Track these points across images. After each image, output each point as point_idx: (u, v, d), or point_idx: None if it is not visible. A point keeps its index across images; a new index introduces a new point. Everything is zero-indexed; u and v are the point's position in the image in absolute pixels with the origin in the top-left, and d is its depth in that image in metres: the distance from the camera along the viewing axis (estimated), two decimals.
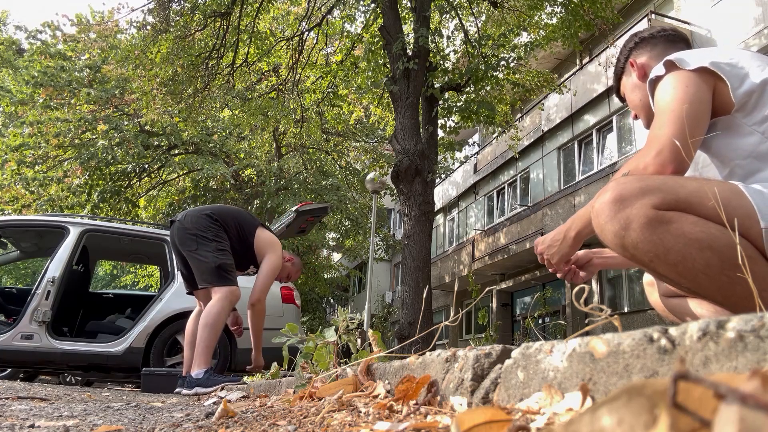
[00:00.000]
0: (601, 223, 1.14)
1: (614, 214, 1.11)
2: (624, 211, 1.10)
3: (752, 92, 1.25)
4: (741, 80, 1.27)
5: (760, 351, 0.43)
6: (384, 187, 12.32)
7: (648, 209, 1.08)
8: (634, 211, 1.09)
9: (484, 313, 4.55)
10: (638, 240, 1.09)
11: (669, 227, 1.07)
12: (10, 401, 1.79)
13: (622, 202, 1.11)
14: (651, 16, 10.75)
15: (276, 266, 3.48)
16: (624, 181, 1.14)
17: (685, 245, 1.06)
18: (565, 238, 1.47)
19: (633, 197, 1.10)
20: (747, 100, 1.26)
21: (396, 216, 23.74)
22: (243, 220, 3.53)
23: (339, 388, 1.21)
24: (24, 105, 13.39)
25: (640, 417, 0.30)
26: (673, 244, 1.06)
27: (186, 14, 9.15)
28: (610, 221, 1.12)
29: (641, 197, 1.10)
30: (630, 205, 1.10)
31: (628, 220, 1.10)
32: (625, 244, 1.11)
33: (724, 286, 1.04)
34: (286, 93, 11.50)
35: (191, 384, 3.08)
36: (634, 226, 1.09)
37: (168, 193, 15.88)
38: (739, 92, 1.26)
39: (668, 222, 1.07)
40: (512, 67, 9.24)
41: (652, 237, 1.08)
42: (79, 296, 5.45)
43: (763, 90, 1.25)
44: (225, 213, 3.48)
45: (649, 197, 1.09)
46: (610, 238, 1.14)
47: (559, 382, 0.63)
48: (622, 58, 1.68)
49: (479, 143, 18.37)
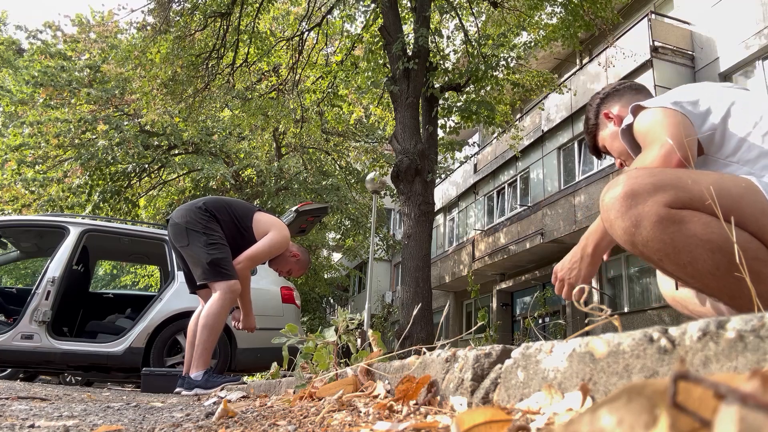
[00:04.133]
0: (611, 218, 1.12)
1: (625, 210, 1.09)
2: (636, 207, 1.08)
3: (715, 128, 1.29)
4: (703, 118, 1.30)
5: (760, 351, 0.43)
6: (384, 187, 12.31)
7: (660, 207, 1.06)
8: (646, 209, 1.07)
9: (483, 313, 4.55)
10: (649, 238, 1.07)
11: (681, 227, 1.05)
12: (10, 401, 1.79)
13: (634, 197, 1.09)
14: (651, 16, 10.74)
15: (274, 243, 3.31)
16: (636, 176, 1.11)
17: (696, 246, 1.04)
18: (584, 257, 1.42)
19: (645, 193, 1.08)
20: (712, 136, 1.29)
21: (396, 216, 23.73)
22: (236, 208, 3.41)
23: (339, 388, 1.21)
24: (24, 105, 13.39)
25: (640, 417, 0.30)
26: (684, 244, 1.05)
27: (186, 14, 9.15)
28: (621, 217, 1.10)
29: (654, 194, 1.07)
30: (642, 201, 1.08)
31: (640, 217, 1.07)
32: (635, 242, 1.10)
33: (732, 287, 1.03)
34: (286, 93, 11.51)
35: (191, 385, 3.07)
36: (646, 224, 1.07)
37: (168, 193, 15.88)
38: (702, 129, 1.29)
39: (680, 222, 1.06)
40: (512, 67, 9.24)
41: (663, 236, 1.06)
42: (79, 296, 5.45)
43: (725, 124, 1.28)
44: (216, 203, 3.37)
45: (662, 194, 1.07)
46: (620, 234, 1.12)
47: (559, 382, 0.63)
48: (592, 115, 1.71)
49: (479, 143, 18.37)
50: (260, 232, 3.36)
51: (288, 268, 3.56)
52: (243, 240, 3.35)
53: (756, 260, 1.05)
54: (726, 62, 9.97)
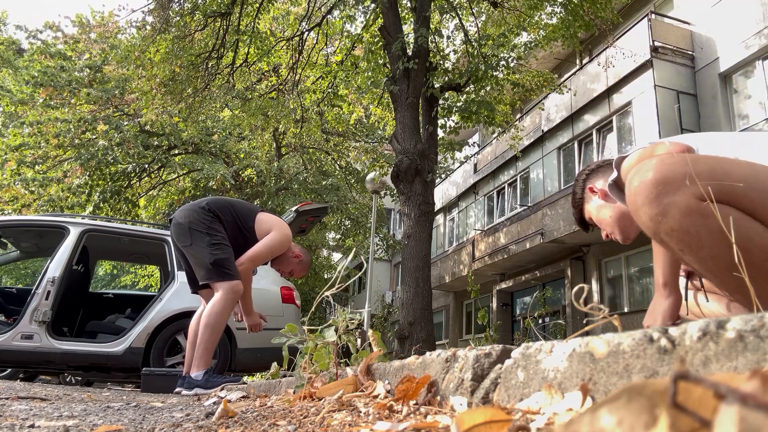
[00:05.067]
0: (639, 203, 1.11)
1: (654, 197, 1.07)
2: (666, 196, 1.06)
3: None
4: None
5: (760, 351, 0.43)
6: (384, 187, 12.31)
7: (691, 199, 1.04)
8: (676, 199, 1.05)
9: (483, 313, 4.55)
10: (675, 228, 1.06)
11: (708, 222, 1.03)
12: (10, 401, 1.79)
13: (665, 185, 1.07)
14: (651, 16, 10.74)
15: (276, 243, 3.31)
16: (670, 162, 1.09)
17: (719, 243, 1.03)
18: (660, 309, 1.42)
19: (677, 182, 1.06)
20: None
21: (396, 216, 23.73)
22: (239, 208, 3.41)
23: (339, 388, 1.21)
24: (24, 105, 13.40)
25: (640, 417, 0.30)
26: (709, 241, 1.04)
27: (186, 14, 9.15)
28: (649, 204, 1.08)
29: (686, 184, 1.05)
30: (673, 190, 1.06)
31: (669, 206, 1.06)
32: (659, 230, 1.08)
33: (746, 285, 1.03)
34: (286, 93, 11.51)
35: (191, 385, 3.07)
36: (674, 214, 1.05)
37: (168, 193, 15.88)
38: None
39: (708, 216, 1.04)
40: (512, 67, 9.24)
41: (689, 228, 1.04)
42: (79, 296, 5.45)
43: None
44: (220, 203, 3.37)
45: (694, 185, 1.04)
46: (645, 219, 1.10)
47: (559, 382, 0.63)
48: (579, 190, 1.77)
49: (479, 143, 18.37)
50: (262, 233, 3.36)
51: (290, 269, 3.56)
52: (245, 240, 3.34)
53: None
54: (726, 62, 9.97)
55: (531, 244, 12.76)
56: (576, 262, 12.51)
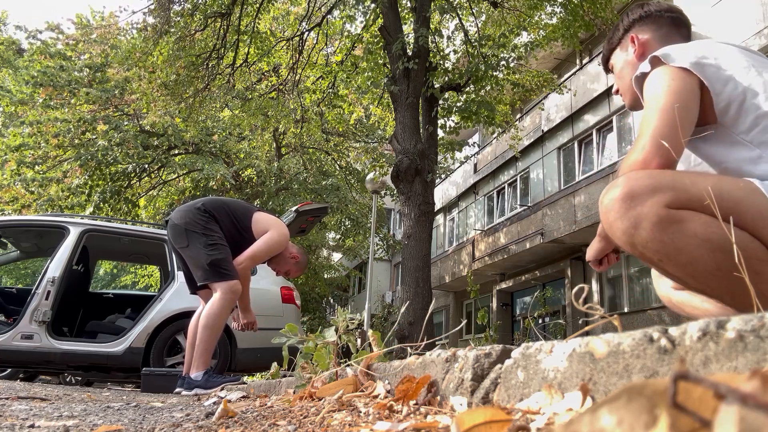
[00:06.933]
0: (611, 219, 1.11)
1: (624, 211, 1.08)
2: (635, 209, 1.07)
3: (732, 100, 1.21)
4: (724, 83, 1.23)
5: (760, 351, 0.43)
6: (384, 187, 12.31)
7: (660, 208, 1.05)
8: (645, 210, 1.06)
9: (483, 313, 4.56)
10: (648, 239, 1.06)
11: (681, 227, 1.04)
12: (10, 401, 1.79)
13: (632, 199, 1.08)
14: None
15: (273, 242, 3.32)
16: (635, 177, 1.10)
17: (697, 246, 1.03)
18: None
19: (644, 194, 1.07)
20: (728, 106, 1.22)
21: (396, 216, 23.73)
22: (235, 208, 3.41)
23: (339, 388, 1.21)
24: (24, 105, 13.39)
25: (640, 417, 0.30)
26: (685, 244, 1.04)
27: (186, 15, 9.15)
28: (620, 219, 1.09)
29: (653, 195, 1.06)
30: (641, 202, 1.07)
31: (639, 218, 1.06)
32: (634, 243, 1.09)
33: (733, 287, 1.02)
34: (286, 93, 11.51)
35: (191, 385, 3.07)
36: (645, 225, 1.06)
37: (168, 193, 15.88)
38: (720, 97, 1.22)
39: (680, 222, 1.05)
40: (512, 67, 9.24)
41: (663, 237, 1.05)
42: (79, 296, 5.45)
43: (744, 99, 1.20)
44: (215, 204, 3.37)
45: (661, 195, 1.06)
46: (619, 235, 1.11)
47: (559, 382, 0.63)
48: (622, 28, 1.59)
49: (479, 143, 18.37)
50: (259, 232, 3.36)
51: (286, 269, 3.57)
52: (242, 240, 3.34)
53: (757, 259, 1.04)
54: None
55: (531, 244, 12.77)
56: (576, 262, 12.51)
